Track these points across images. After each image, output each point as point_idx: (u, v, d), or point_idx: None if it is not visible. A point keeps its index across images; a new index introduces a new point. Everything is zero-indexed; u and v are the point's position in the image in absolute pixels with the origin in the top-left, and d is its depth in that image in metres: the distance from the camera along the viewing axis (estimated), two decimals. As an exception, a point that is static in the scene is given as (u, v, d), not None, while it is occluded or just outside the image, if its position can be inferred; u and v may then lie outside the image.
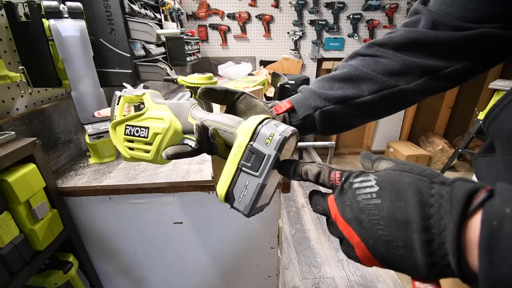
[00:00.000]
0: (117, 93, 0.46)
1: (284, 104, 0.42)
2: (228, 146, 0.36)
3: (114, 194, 0.68)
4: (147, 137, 0.40)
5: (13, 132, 0.56)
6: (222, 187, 0.34)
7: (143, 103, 0.45)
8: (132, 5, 0.83)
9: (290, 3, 2.45)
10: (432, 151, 2.77)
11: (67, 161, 0.81)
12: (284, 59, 2.55)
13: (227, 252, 0.80)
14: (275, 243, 0.79)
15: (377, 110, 0.44)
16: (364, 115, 0.43)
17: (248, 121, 0.34)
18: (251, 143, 0.32)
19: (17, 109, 0.71)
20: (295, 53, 2.63)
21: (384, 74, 0.41)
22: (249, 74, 1.91)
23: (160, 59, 1.09)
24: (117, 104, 0.45)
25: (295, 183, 2.46)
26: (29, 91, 0.71)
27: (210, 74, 0.80)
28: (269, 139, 0.31)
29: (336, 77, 0.42)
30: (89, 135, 0.76)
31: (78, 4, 0.68)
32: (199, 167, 0.74)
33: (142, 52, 0.94)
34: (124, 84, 0.53)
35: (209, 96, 0.42)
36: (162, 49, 1.14)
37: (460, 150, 2.39)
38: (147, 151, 0.41)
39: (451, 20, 0.37)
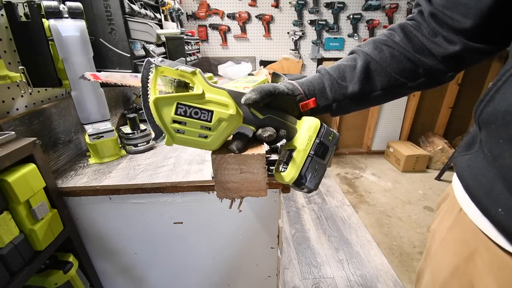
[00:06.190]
0: (151, 60, 0.38)
1: (309, 104, 0.46)
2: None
3: (114, 194, 0.68)
4: (210, 121, 0.38)
5: (13, 132, 0.56)
6: (295, 171, 0.41)
7: (186, 82, 0.41)
8: (132, 5, 0.83)
9: (290, 3, 2.45)
10: (432, 151, 2.77)
11: (67, 161, 0.81)
12: (284, 59, 2.55)
13: (227, 252, 0.80)
14: (275, 243, 0.79)
15: (380, 101, 0.48)
16: (369, 105, 0.49)
17: (309, 120, 0.42)
18: (319, 138, 0.42)
19: (17, 109, 0.71)
20: (295, 53, 2.63)
21: (398, 72, 0.44)
22: (249, 74, 1.91)
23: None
24: (151, 74, 0.38)
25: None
26: (29, 91, 0.71)
27: (210, 74, 0.81)
28: (331, 136, 0.43)
29: (357, 68, 0.45)
30: (89, 135, 0.76)
31: (78, 4, 0.68)
32: (199, 167, 0.74)
33: (142, 52, 0.93)
34: (152, 51, 0.50)
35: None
36: (162, 49, 1.14)
37: (460, 150, 2.39)
38: (204, 136, 0.39)
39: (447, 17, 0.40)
